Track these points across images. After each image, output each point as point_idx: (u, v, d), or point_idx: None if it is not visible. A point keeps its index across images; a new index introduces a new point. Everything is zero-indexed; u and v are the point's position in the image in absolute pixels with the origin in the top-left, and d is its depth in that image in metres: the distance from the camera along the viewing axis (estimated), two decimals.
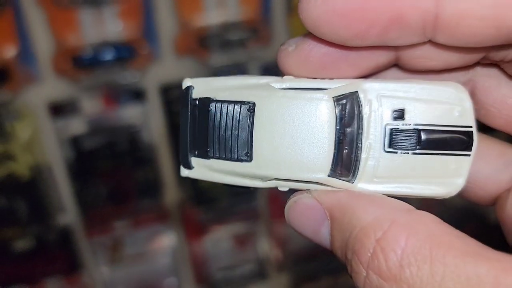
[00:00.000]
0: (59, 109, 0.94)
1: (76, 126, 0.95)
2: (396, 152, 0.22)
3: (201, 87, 0.27)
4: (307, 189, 0.24)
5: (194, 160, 0.27)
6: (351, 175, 0.23)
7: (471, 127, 0.23)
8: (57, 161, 0.98)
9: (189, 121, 0.26)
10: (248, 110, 0.24)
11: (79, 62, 0.87)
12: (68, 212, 1.04)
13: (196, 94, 0.26)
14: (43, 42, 0.88)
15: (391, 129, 0.22)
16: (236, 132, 0.24)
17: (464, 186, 0.23)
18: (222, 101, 0.25)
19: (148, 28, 0.90)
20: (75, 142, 0.95)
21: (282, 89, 0.24)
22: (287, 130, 0.23)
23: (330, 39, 0.21)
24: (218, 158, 0.25)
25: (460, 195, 0.26)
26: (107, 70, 0.88)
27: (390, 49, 0.23)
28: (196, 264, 1.18)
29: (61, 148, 0.96)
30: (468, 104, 0.23)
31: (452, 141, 0.22)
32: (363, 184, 0.23)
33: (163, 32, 0.92)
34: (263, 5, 0.93)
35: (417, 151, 0.22)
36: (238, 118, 0.24)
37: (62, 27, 0.87)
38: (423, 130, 0.22)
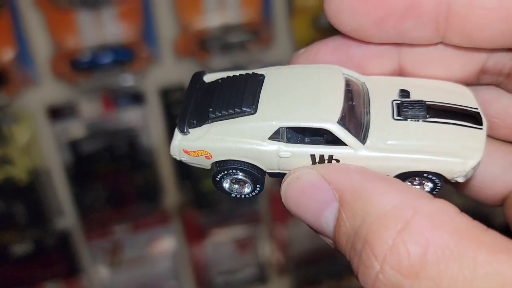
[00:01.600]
0: (57, 113, 0.93)
1: (75, 129, 0.94)
2: (406, 120, 0.21)
3: (213, 77, 0.27)
4: (311, 165, 0.22)
5: (191, 131, 0.24)
6: (361, 136, 0.21)
7: (477, 109, 0.22)
8: (55, 165, 0.97)
9: (193, 95, 0.25)
10: (258, 78, 0.24)
11: (78, 65, 0.86)
12: (67, 216, 1.03)
13: (207, 79, 0.26)
14: (41, 45, 0.87)
15: (398, 103, 0.22)
16: (243, 92, 0.23)
17: (479, 182, 0.21)
18: (232, 76, 0.25)
19: (147, 30, 0.89)
20: (74, 145, 0.94)
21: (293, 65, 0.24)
22: (296, 87, 0.23)
23: (349, 27, 0.21)
24: (220, 117, 0.23)
25: (469, 195, 0.25)
26: (106, 73, 0.87)
27: (395, 53, 0.23)
28: (197, 268, 1.17)
29: (60, 151, 0.95)
30: (470, 94, 0.23)
31: (463, 114, 0.21)
32: (374, 144, 0.21)
33: (162, 35, 0.91)
34: (264, 7, 0.92)
35: (428, 119, 0.21)
36: (246, 83, 0.24)
37: (60, 30, 0.86)
38: (431, 104, 0.21)
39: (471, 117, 0.21)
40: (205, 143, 0.23)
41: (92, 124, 0.95)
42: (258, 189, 0.25)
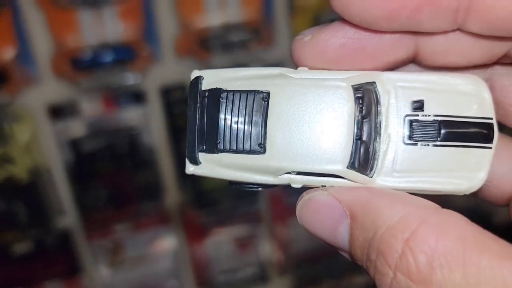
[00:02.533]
0: (58, 112, 0.93)
1: (76, 128, 0.94)
2: (416, 144, 0.22)
3: (211, 78, 0.25)
4: (322, 186, 0.23)
5: (201, 156, 0.25)
6: (369, 169, 0.22)
7: (491, 118, 0.22)
8: (56, 164, 0.97)
9: (197, 113, 0.25)
10: (262, 99, 0.23)
11: (79, 64, 0.86)
12: (68, 215, 1.03)
13: (205, 85, 0.25)
14: (42, 44, 0.87)
15: (411, 120, 0.21)
16: (250, 123, 0.23)
17: (486, 180, 0.22)
18: (234, 91, 0.24)
19: (148, 29, 0.89)
20: (75, 144, 0.94)
21: (298, 78, 0.23)
22: (304, 119, 0.22)
23: (359, 19, 0.21)
24: (229, 151, 0.24)
25: (475, 194, 0.24)
26: (107, 72, 0.87)
27: (411, 41, 0.22)
28: (198, 267, 1.17)
29: (61, 150, 0.95)
30: (487, 95, 0.22)
31: (473, 133, 0.21)
32: (382, 178, 0.22)
33: (163, 34, 0.91)
34: (265, 6, 0.92)
35: (438, 143, 0.21)
36: (251, 108, 0.23)
37: (61, 29, 0.86)
38: (443, 121, 0.21)
39: (482, 135, 0.21)
40: (219, 173, 0.24)
41: (93, 123, 0.95)
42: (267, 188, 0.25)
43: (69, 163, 0.96)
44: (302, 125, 0.22)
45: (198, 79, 0.26)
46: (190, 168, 0.25)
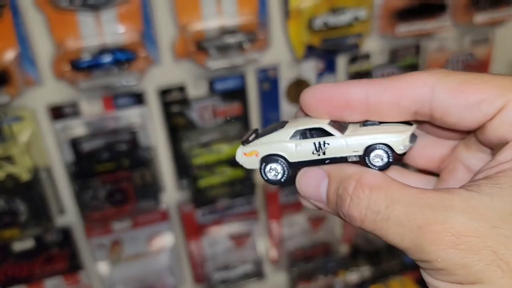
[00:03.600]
0: (58, 112, 0.94)
1: (76, 128, 0.96)
2: (367, 126, 0.35)
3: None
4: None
5: (247, 145, 0.38)
6: (342, 131, 0.35)
7: (412, 124, 0.35)
8: (56, 163, 0.99)
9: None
10: (284, 122, 0.39)
11: (78, 66, 0.88)
12: (67, 213, 1.05)
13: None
14: (42, 45, 0.89)
15: (363, 122, 0.36)
16: (275, 127, 0.38)
17: (411, 136, 0.34)
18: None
19: (147, 32, 0.91)
20: (75, 144, 0.95)
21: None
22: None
23: (313, 114, 0.35)
24: (262, 134, 0.38)
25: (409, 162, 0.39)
26: (106, 74, 0.89)
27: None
28: (195, 264, 1.19)
29: (61, 150, 0.97)
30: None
31: (402, 122, 0.35)
32: (349, 133, 0.35)
33: (161, 36, 0.93)
34: (260, 10, 0.94)
35: (380, 124, 0.35)
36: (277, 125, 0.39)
37: (61, 31, 0.88)
38: (382, 122, 0.35)
39: (407, 123, 0.35)
40: (254, 147, 0.37)
41: (93, 123, 0.97)
42: (285, 175, 0.37)
43: (69, 162, 0.97)
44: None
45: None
46: (240, 148, 0.38)
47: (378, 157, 0.33)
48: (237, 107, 1.03)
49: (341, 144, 0.34)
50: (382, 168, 0.33)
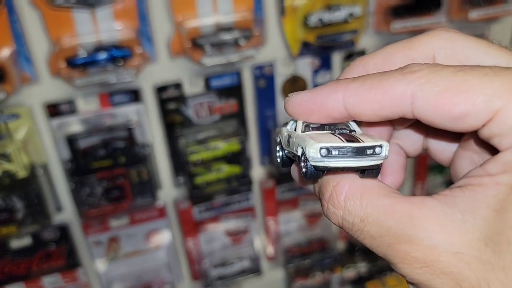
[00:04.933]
0: (54, 109, 0.94)
1: (72, 125, 0.96)
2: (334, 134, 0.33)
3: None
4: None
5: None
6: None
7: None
8: (53, 160, 0.99)
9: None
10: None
11: (74, 63, 0.88)
12: (64, 211, 1.05)
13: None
14: (38, 43, 0.89)
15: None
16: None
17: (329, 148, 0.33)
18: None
19: (142, 29, 0.91)
20: (71, 141, 0.96)
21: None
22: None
23: (302, 119, 0.34)
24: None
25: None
26: (102, 71, 0.89)
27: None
28: (192, 261, 1.19)
29: (57, 147, 0.97)
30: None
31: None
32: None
33: (157, 33, 0.93)
34: (255, 6, 0.94)
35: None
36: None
37: (57, 28, 0.88)
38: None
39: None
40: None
41: (89, 120, 0.97)
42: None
43: (66, 160, 0.98)
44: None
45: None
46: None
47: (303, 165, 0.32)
48: (233, 104, 1.03)
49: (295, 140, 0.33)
50: (305, 176, 0.32)
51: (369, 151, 0.30)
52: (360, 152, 0.30)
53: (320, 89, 0.31)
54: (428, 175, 1.31)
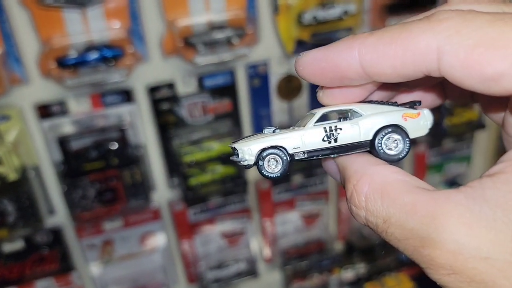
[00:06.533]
0: (45, 111, 0.93)
1: (64, 127, 0.95)
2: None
3: None
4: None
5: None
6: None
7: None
8: (45, 163, 0.98)
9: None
10: None
11: (65, 63, 0.87)
12: (57, 214, 1.04)
13: None
14: (28, 43, 0.87)
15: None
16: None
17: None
18: None
19: (134, 28, 0.90)
20: (63, 143, 0.94)
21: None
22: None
23: (314, 82, 0.30)
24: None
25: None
26: (93, 71, 0.88)
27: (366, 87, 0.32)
28: (187, 264, 1.18)
29: (49, 149, 0.96)
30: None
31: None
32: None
33: (149, 32, 0.92)
34: (248, 4, 0.93)
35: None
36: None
37: (47, 28, 0.87)
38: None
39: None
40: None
41: (81, 121, 0.95)
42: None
43: (58, 162, 0.96)
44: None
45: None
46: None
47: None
48: (227, 104, 1.02)
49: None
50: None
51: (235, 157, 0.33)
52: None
53: (334, 45, 0.28)
54: (427, 174, 1.30)
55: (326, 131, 0.31)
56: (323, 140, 0.31)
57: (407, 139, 0.30)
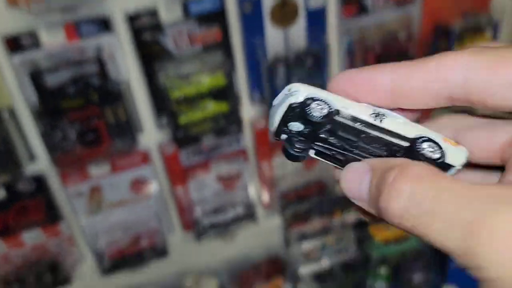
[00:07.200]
0: (14, 43, 0.84)
1: (36, 61, 0.86)
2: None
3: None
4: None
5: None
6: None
7: None
8: (19, 103, 0.90)
9: None
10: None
11: None
12: (38, 160, 0.97)
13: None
14: None
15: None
16: None
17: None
18: None
19: None
20: (37, 79, 0.86)
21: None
22: None
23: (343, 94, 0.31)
24: None
25: None
26: None
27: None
28: (182, 210, 1.12)
29: (22, 87, 0.87)
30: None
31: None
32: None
33: None
34: None
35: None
36: None
37: None
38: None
39: None
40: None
41: (55, 55, 0.86)
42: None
43: (33, 101, 0.88)
44: None
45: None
46: None
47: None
48: (216, 32, 0.92)
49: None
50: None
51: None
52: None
53: (367, 67, 0.30)
54: None
55: (374, 111, 0.30)
56: (370, 115, 0.30)
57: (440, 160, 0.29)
